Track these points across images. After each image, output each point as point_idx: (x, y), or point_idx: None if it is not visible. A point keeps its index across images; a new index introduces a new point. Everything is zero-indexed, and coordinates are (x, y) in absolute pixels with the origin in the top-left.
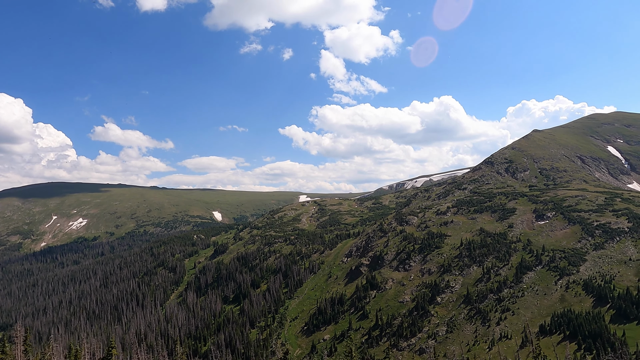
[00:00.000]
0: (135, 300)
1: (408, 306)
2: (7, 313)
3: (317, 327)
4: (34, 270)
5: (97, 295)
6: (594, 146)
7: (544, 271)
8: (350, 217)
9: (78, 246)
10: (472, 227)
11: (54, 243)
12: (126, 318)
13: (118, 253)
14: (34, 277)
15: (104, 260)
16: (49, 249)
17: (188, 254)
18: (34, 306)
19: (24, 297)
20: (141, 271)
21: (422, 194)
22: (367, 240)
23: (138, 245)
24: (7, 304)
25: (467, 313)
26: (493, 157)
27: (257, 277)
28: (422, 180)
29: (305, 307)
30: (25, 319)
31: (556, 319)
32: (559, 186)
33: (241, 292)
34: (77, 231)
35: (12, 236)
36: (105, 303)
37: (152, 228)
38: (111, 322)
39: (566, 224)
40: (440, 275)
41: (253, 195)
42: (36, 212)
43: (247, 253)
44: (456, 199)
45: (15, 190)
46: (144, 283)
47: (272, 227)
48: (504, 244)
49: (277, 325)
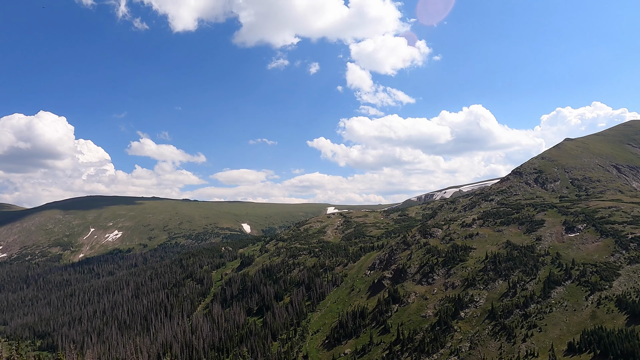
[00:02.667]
0: (163, 311)
1: (430, 321)
2: (46, 322)
3: (338, 341)
4: (72, 280)
5: (128, 305)
6: (632, 154)
7: (574, 286)
8: (376, 230)
9: (113, 257)
10: (498, 240)
11: (91, 254)
12: (154, 328)
13: (150, 264)
14: (72, 287)
15: (136, 272)
16: (86, 260)
17: (216, 265)
18: (70, 315)
19: (62, 307)
20: (170, 282)
21: (447, 206)
22: (391, 253)
23: (169, 256)
24: (46, 312)
25: (492, 329)
26: (522, 168)
27: (280, 289)
28: (452, 191)
29: (327, 321)
30: (62, 327)
31: (586, 336)
32: (591, 197)
33: (264, 305)
34: (113, 243)
35: (53, 248)
36: (136, 313)
37: (183, 240)
38: (140, 332)
39: (598, 236)
40: (464, 289)
41: (281, 207)
42: (75, 225)
43: (271, 265)
44: (482, 211)
45: (57, 203)
46: (172, 294)
47: (298, 239)
48: (532, 258)
49: (298, 338)
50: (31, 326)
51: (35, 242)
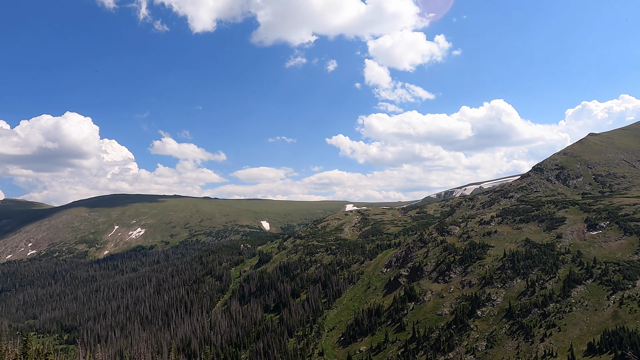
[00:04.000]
0: (183, 306)
1: (446, 319)
2: (73, 316)
3: (354, 338)
4: (97, 276)
5: (150, 301)
6: None
7: (595, 285)
8: (393, 227)
9: (136, 254)
10: (517, 238)
11: (115, 251)
12: (174, 324)
13: (172, 261)
14: (97, 283)
15: (158, 268)
16: (110, 256)
17: (234, 262)
18: (95, 310)
19: (87, 302)
20: (190, 279)
21: (466, 203)
22: (407, 251)
23: (190, 253)
24: (73, 307)
25: (509, 328)
26: (543, 164)
27: (297, 286)
28: (472, 187)
29: (343, 318)
30: (87, 322)
31: (607, 337)
32: (615, 193)
33: (281, 301)
34: (136, 240)
35: (80, 244)
36: (157, 309)
37: (204, 237)
38: (161, 328)
39: (622, 234)
40: (481, 287)
41: (300, 204)
42: (100, 222)
43: (289, 262)
44: (501, 208)
45: (82, 202)
46: (192, 291)
47: (315, 237)
48: (551, 256)
49: (314, 335)
50: (59, 320)
51: (63, 239)
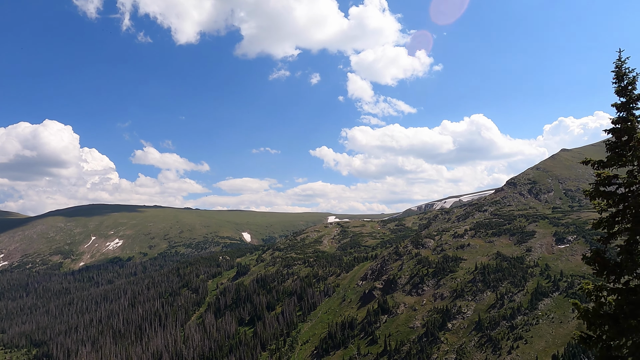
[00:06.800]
0: (158, 320)
1: (418, 332)
2: (43, 330)
3: (327, 352)
4: (71, 289)
5: (124, 314)
6: None
7: (561, 298)
8: (372, 239)
9: (113, 266)
10: (489, 251)
11: (92, 263)
12: (147, 338)
13: (149, 273)
14: (71, 295)
15: (135, 280)
16: (86, 268)
17: (212, 275)
18: (67, 324)
19: (59, 315)
20: (167, 292)
21: (442, 216)
22: (383, 264)
23: (168, 265)
24: (44, 321)
25: (478, 340)
26: (516, 179)
27: (273, 299)
28: (452, 200)
29: (317, 331)
30: (58, 336)
31: (571, 349)
32: (584, 208)
33: (256, 314)
34: (114, 251)
35: (54, 256)
36: (131, 322)
37: (183, 249)
38: (133, 342)
39: (588, 247)
40: (453, 300)
41: (283, 216)
42: (77, 233)
43: (266, 275)
44: (475, 222)
45: (59, 211)
46: (167, 303)
47: (294, 249)
48: (521, 269)
49: (287, 349)
50: (28, 335)
51: (37, 250)
